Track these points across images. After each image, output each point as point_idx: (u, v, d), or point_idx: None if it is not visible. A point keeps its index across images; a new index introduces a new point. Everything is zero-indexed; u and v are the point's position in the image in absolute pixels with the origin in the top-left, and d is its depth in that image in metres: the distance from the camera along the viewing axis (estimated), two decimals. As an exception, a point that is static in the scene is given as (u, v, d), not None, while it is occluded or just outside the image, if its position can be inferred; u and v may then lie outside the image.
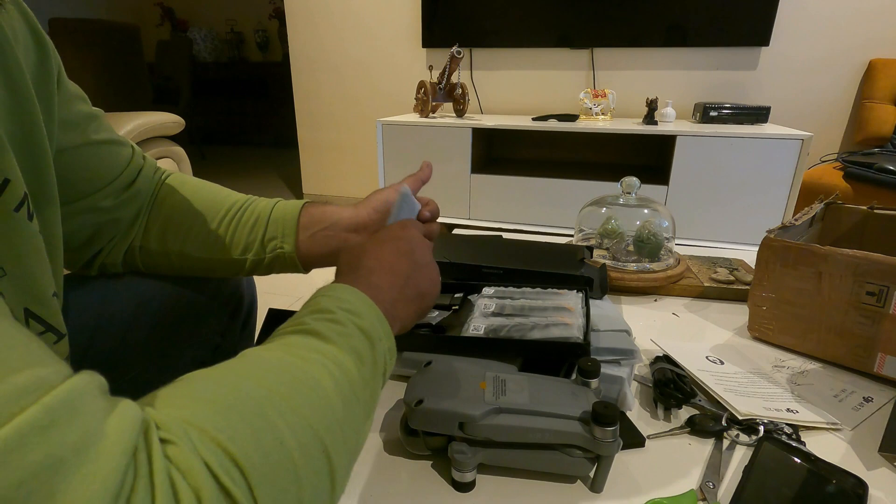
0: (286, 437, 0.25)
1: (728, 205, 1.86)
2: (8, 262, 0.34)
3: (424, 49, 2.44)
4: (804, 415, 0.51)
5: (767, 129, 1.89)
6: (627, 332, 0.60)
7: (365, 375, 0.33)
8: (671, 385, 0.54)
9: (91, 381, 0.21)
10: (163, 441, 0.21)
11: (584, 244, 0.89)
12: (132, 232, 0.54)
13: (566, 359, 0.54)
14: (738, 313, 0.74)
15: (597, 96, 2.12)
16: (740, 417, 0.50)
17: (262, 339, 0.68)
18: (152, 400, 0.24)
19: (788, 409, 0.52)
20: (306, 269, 0.58)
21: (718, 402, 0.53)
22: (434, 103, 2.16)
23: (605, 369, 0.52)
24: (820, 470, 0.42)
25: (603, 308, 0.68)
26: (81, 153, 0.47)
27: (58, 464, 0.17)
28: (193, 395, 0.25)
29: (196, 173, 0.60)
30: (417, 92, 2.21)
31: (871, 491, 0.41)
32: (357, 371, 0.32)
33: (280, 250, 0.56)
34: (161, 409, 0.23)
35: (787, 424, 0.50)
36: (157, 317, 0.55)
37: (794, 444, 0.47)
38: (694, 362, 0.59)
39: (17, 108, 0.36)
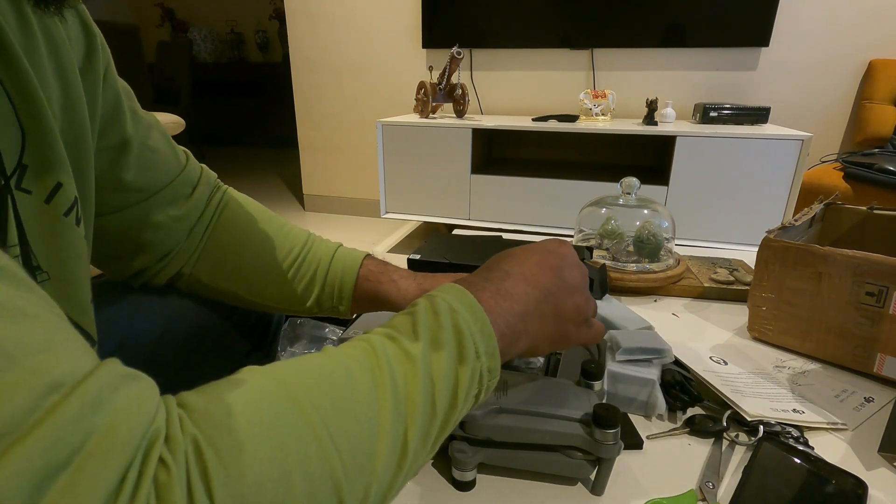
0: (295, 488, 0.22)
1: (728, 205, 1.86)
2: (53, 266, 0.33)
3: (424, 49, 2.44)
4: (810, 415, 0.51)
5: (767, 129, 1.89)
6: (651, 327, 0.59)
7: (439, 406, 0.30)
8: (677, 387, 0.54)
9: (105, 380, 0.20)
10: (161, 460, 0.19)
11: (584, 244, 0.89)
12: (185, 258, 0.52)
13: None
14: (738, 314, 0.74)
15: (597, 97, 2.12)
16: (749, 419, 0.50)
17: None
18: (194, 399, 0.23)
19: (794, 410, 0.52)
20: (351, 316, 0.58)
21: (722, 402, 0.53)
22: (434, 104, 2.16)
23: (634, 371, 0.52)
24: (819, 470, 0.42)
25: (618, 308, 0.67)
26: (125, 153, 0.44)
27: (55, 469, 0.16)
28: (223, 409, 0.23)
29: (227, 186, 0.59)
30: (417, 92, 2.21)
31: (871, 491, 0.41)
32: (438, 401, 0.30)
33: (334, 308, 0.55)
34: (185, 418, 0.22)
35: (793, 427, 0.49)
36: (183, 337, 0.54)
37: (800, 447, 0.47)
38: (698, 363, 0.59)
39: (70, 106, 0.36)
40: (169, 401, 0.22)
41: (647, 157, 2.33)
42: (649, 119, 2.01)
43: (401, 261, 0.64)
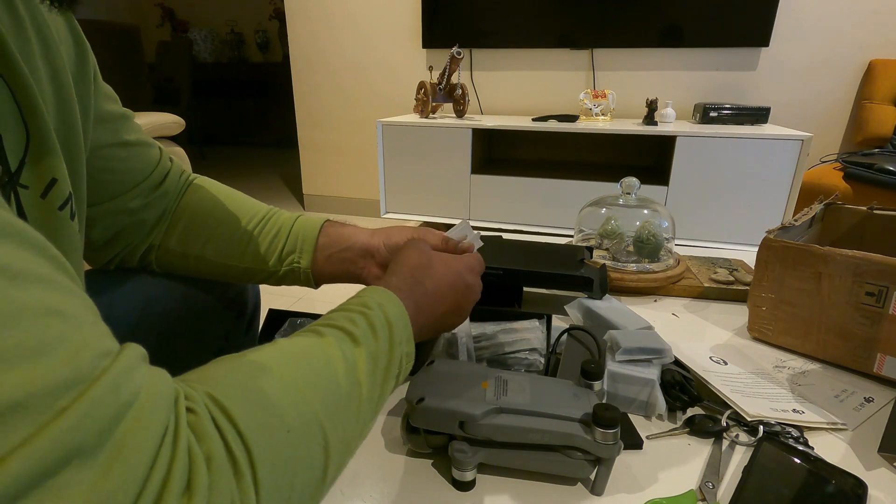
0: (293, 426, 0.27)
1: (728, 205, 1.86)
2: None
3: (424, 49, 2.44)
4: (810, 415, 0.51)
5: (767, 129, 1.89)
6: (651, 328, 0.59)
7: (378, 378, 0.36)
8: (677, 387, 0.54)
9: (135, 354, 0.23)
10: (187, 409, 0.24)
11: (584, 244, 0.89)
12: (154, 232, 0.55)
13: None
14: (738, 314, 0.74)
15: (597, 97, 2.12)
16: (749, 419, 0.50)
17: (262, 340, 0.68)
18: (188, 376, 0.28)
19: (794, 410, 0.52)
20: (317, 285, 0.59)
21: (721, 402, 0.53)
22: (434, 104, 2.16)
23: (633, 371, 0.52)
24: (819, 470, 0.42)
25: (618, 308, 0.67)
26: (113, 153, 0.48)
27: (117, 417, 0.20)
28: (219, 376, 0.28)
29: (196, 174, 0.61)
30: (417, 92, 2.21)
31: (871, 491, 0.41)
32: (372, 372, 0.35)
33: (296, 265, 0.56)
34: (192, 384, 0.26)
35: (793, 427, 0.49)
36: (162, 320, 0.56)
37: (800, 447, 0.47)
38: (698, 363, 0.59)
39: (62, 107, 0.37)
40: (175, 380, 0.26)
41: (647, 157, 2.33)
42: (649, 119, 2.01)
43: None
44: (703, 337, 0.69)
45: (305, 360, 0.32)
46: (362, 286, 0.59)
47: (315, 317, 0.65)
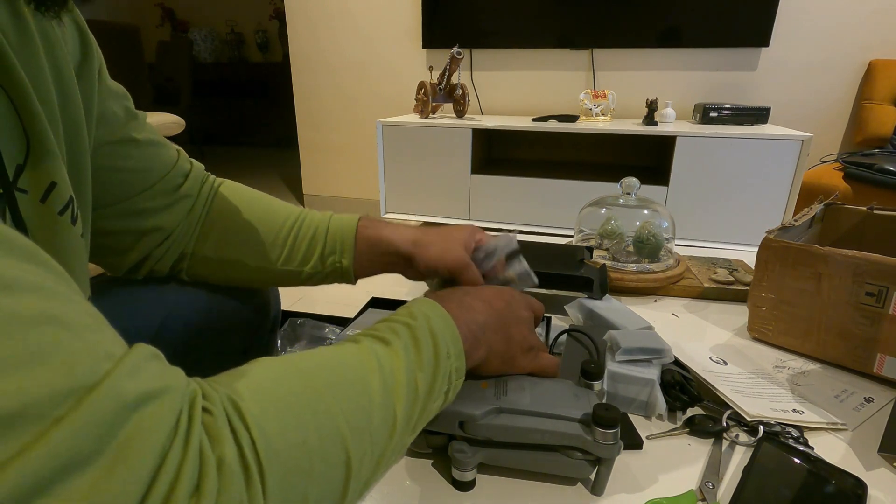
0: (311, 438, 0.27)
1: (728, 205, 1.86)
2: None
3: (424, 50, 2.44)
4: (810, 416, 0.51)
5: (767, 129, 1.89)
6: (651, 328, 0.59)
7: (418, 393, 0.34)
8: (677, 387, 0.54)
9: (141, 355, 0.23)
10: (204, 410, 0.24)
11: (584, 245, 0.89)
12: (186, 238, 0.53)
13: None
14: (738, 314, 0.74)
15: (597, 97, 2.12)
16: (749, 419, 0.50)
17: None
18: (217, 378, 0.27)
19: (794, 410, 0.52)
20: (355, 281, 0.59)
21: (721, 402, 0.53)
22: (434, 104, 2.16)
23: (633, 371, 0.52)
24: (819, 470, 0.42)
25: (618, 308, 0.67)
26: (119, 150, 0.46)
27: (123, 417, 0.20)
28: (245, 379, 0.28)
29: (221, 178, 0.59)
30: (417, 92, 2.21)
31: (871, 491, 0.41)
32: (418, 389, 0.34)
33: (338, 265, 0.56)
34: (214, 384, 0.26)
35: (793, 427, 0.49)
36: (182, 331, 0.54)
37: (800, 447, 0.47)
38: (698, 363, 0.59)
39: (65, 103, 0.37)
40: (196, 379, 0.26)
41: (647, 157, 2.33)
42: (649, 119, 2.01)
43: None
44: (703, 337, 0.69)
45: (340, 372, 0.31)
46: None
47: (315, 317, 0.65)
